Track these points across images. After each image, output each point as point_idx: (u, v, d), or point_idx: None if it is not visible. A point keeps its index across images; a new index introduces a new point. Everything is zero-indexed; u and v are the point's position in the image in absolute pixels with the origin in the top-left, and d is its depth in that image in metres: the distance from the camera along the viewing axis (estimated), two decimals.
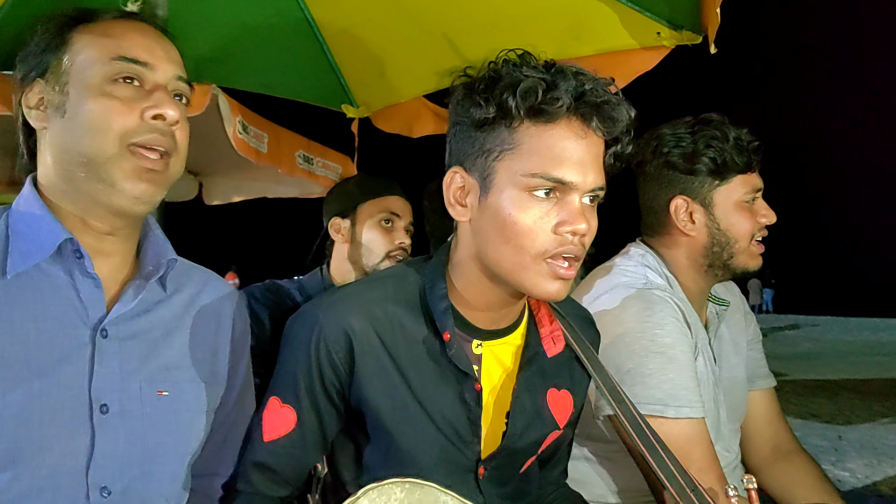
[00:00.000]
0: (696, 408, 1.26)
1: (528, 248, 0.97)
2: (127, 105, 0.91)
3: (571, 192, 0.96)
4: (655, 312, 1.31)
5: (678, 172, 1.42)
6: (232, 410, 1.09)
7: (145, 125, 0.91)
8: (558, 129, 0.96)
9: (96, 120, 0.90)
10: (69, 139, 0.91)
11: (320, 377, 1.05)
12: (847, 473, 4.23)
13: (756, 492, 0.90)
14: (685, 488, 1.06)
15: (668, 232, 1.47)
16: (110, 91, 0.91)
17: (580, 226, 0.96)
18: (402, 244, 1.92)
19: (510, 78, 0.97)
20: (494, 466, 1.11)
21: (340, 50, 2.62)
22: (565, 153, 0.96)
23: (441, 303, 1.06)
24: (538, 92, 0.95)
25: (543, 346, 1.13)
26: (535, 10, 2.09)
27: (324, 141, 3.06)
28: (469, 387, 1.06)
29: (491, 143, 0.99)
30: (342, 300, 1.07)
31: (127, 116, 0.91)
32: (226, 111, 2.35)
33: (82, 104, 0.90)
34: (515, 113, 0.96)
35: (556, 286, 0.99)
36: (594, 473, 1.42)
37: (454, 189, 1.04)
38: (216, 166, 3.59)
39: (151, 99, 0.92)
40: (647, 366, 1.27)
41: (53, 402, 0.87)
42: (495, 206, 0.98)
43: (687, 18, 1.90)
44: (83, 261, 0.92)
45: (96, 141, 0.90)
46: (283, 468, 1.08)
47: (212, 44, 2.37)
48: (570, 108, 0.96)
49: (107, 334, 0.93)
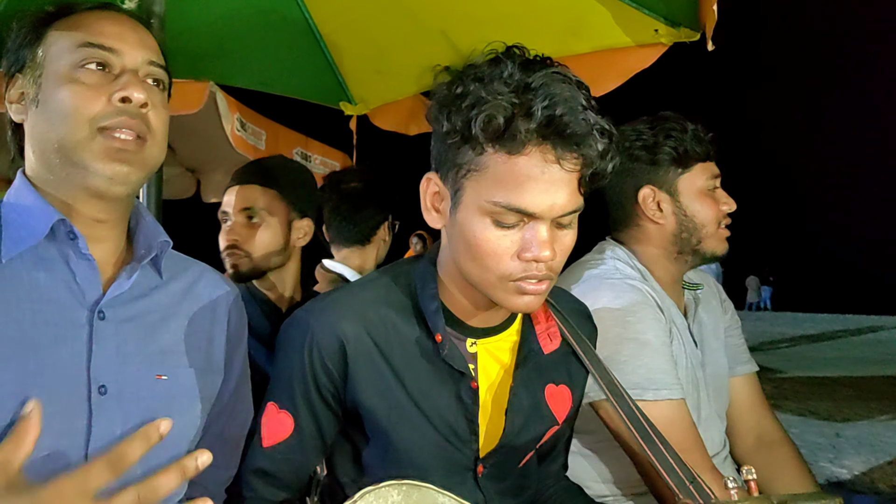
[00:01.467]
0: (674, 389, 1.28)
1: (492, 269, 0.96)
2: (94, 90, 0.92)
3: (537, 220, 0.93)
4: (625, 301, 1.34)
5: (642, 164, 1.46)
6: (229, 402, 1.09)
7: (113, 108, 0.92)
8: (523, 159, 0.91)
9: (65, 106, 0.91)
10: (43, 128, 0.93)
11: (315, 382, 1.05)
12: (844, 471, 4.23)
13: (755, 482, 0.91)
14: (684, 480, 1.06)
15: (636, 223, 1.50)
16: (78, 77, 0.92)
17: (543, 253, 0.93)
18: (225, 242, 1.71)
19: (474, 98, 0.91)
20: (493, 464, 1.11)
21: (338, 47, 2.62)
22: (529, 183, 0.91)
23: (432, 303, 1.05)
24: (500, 121, 0.89)
25: (539, 343, 1.13)
26: (533, 8, 2.09)
27: (322, 138, 3.06)
28: (465, 386, 1.06)
29: (460, 158, 0.95)
30: (333, 304, 1.06)
31: (94, 101, 0.91)
32: (223, 108, 2.35)
33: (52, 93, 0.92)
34: (478, 139, 0.92)
35: (526, 300, 0.98)
36: (587, 466, 1.43)
37: (430, 194, 1.02)
38: (214, 163, 3.59)
39: (118, 83, 0.93)
40: (622, 353, 1.29)
41: (50, 381, 0.87)
42: (462, 223, 0.97)
43: (684, 15, 1.90)
44: (77, 242, 0.92)
45: (66, 126, 0.91)
46: (283, 473, 1.09)
47: (209, 41, 2.37)
48: (538, 136, 0.90)
49: (104, 316, 0.93)
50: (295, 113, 2.99)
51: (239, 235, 1.71)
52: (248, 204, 1.71)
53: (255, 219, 1.72)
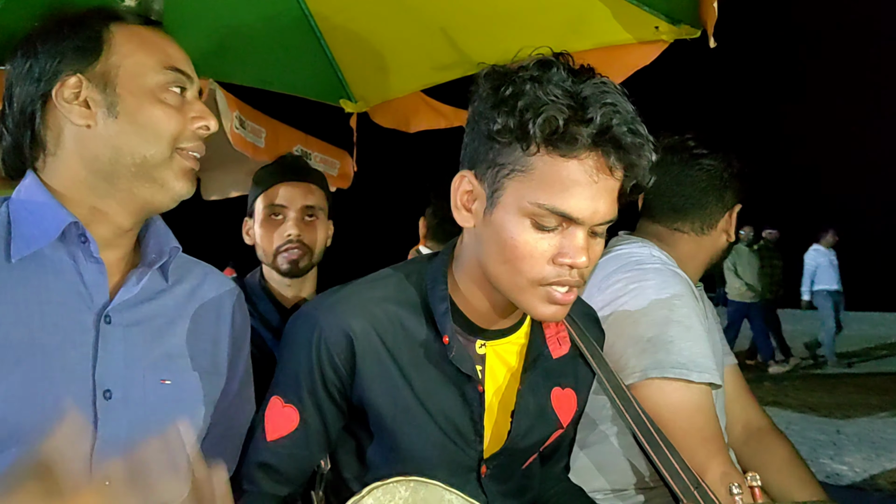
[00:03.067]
0: (715, 375, 1.29)
1: (525, 272, 0.95)
2: (179, 112, 0.98)
3: (577, 226, 0.94)
4: (673, 286, 1.37)
5: (742, 185, 1.57)
6: (232, 403, 1.09)
7: (191, 132, 0.99)
8: (574, 163, 0.92)
9: (155, 125, 0.96)
10: (125, 140, 0.95)
11: (322, 378, 1.04)
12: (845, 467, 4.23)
13: (760, 489, 0.91)
14: (689, 486, 1.06)
15: (707, 231, 1.56)
16: (165, 98, 0.97)
17: (580, 259, 0.93)
18: (290, 236, 1.71)
19: (531, 98, 0.91)
20: (496, 465, 1.11)
21: (338, 45, 2.61)
22: (577, 188, 0.92)
23: (441, 304, 1.05)
24: (559, 123, 0.90)
25: (549, 348, 1.12)
26: (534, 5, 2.09)
27: (322, 136, 3.05)
28: (471, 388, 1.06)
29: (504, 158, 0.95)
30: (342, 300, 1.06)
31: (180, 123, 0.98)
32: (223, 106, 2.34)
33: (140, 108, 0.96)
34: (532, 139, 0.92)
35: (553, 310, 0.98)
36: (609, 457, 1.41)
37: (462, 192, 1.02)
38: (214, 161, 3.57)
39: (195, 110, 1.01)
40: (669, 333, 1.30)
41: (56, 384, 0.87)
42: (499, 223, 0.96)
43: (685, 12, 1.89)
44: (88, 245, 0.93)
45: (154, 144, 0.96)
46: (286, 467, 1.09)
47: (209, 38, 2.37)
48: (592, 143, 0.91)
49: (110, 320, 0.93)
50: (295, 110, 2.98)
51: (302, 231, 1.73)
52: (311, 202, 1.76)
53: (313, 216, 1.76)
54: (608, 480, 1.41)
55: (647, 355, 1.28)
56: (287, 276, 1.74)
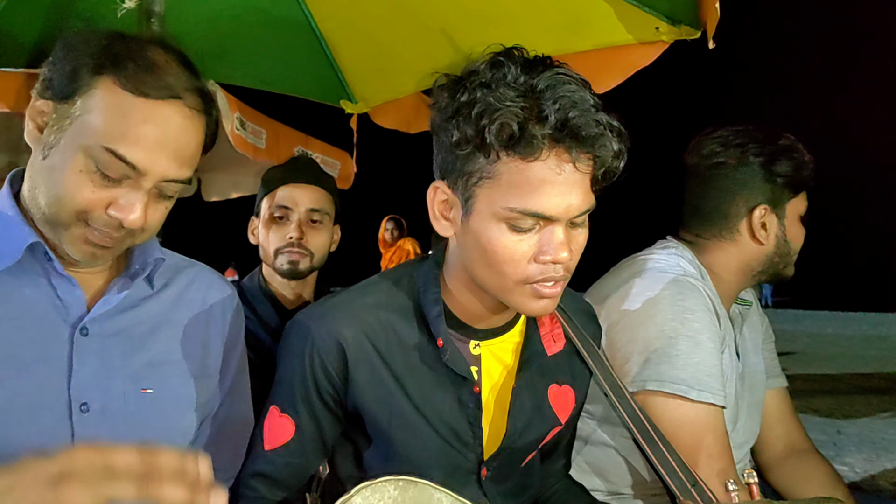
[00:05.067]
0: (717, 395, 1.27)
1: (509, 275, 0.95)
2: (97, 193, 0.87)
3: (553, 223, 0.93)
4: (688, 298, 1.33)
5: (758, 180, 1.43)
6: (224, 403, 1.09)
7: (100, 217, 0.88)
8: (537, 164, 0.90)
9: (63, 190, 0.87)
10: (38, 182, 0.90)
11: (315, 387, 1.05)
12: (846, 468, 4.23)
13: (757, 486, 0.90)
14: (686, 484, 1.05)
15: (731, 237, 1.47)
16: (88, 171, 0.86)
17: (562, 255, 0.93)
18: (291, 238, 1.70)
19: (484, 105, 0.90)
20: (496, 466, 1.10)
21: (339, 46, 2.62)
22: (545, 187, 0.90)
23: (434, 307, 1.05)
24: (514, 129, 0.88)
25: (543, 345, 1.12)
26: (534, 5, 2.09)
27: (322, 137, 3.06)
28: (467, 390, 1.06)
29: (470, 167, 0.94)
30: (333, 309, 1.06)
31: (91, 201, 0.87)
32: (223, 107, 2.34)
33: (60, 167, 0.87)
34: (491, 147, 0.90)
35: (542, 304, 0.98)
36: (610, 460, 1.41)
37: (438, 203, 1.01)
38: (214, 162, 3.58)
39: (123, 198, 0.88)
40: (676, 346, 1.28)
41: (31, 400, 0.86)
42: (476, 230, 0.96)
43: (685, 13, 1.90)
44: (53, 263, 0.91)
45: (55, 205, 0.88)
46: (283, 476, 1.09)
47: (209, 40, 2.37)
48: (553, 140, 0.89)
49: (87, 332, 0.92)
50: (295, 111, 2.98)
51: (305, 233, 1.72)
52: (317, 205, 1.74)
53: (318, 220, 1.75)
54: (605, 482, 1.41)
55: (649, 366, 1.26)
56: (286, 277, 1.74)
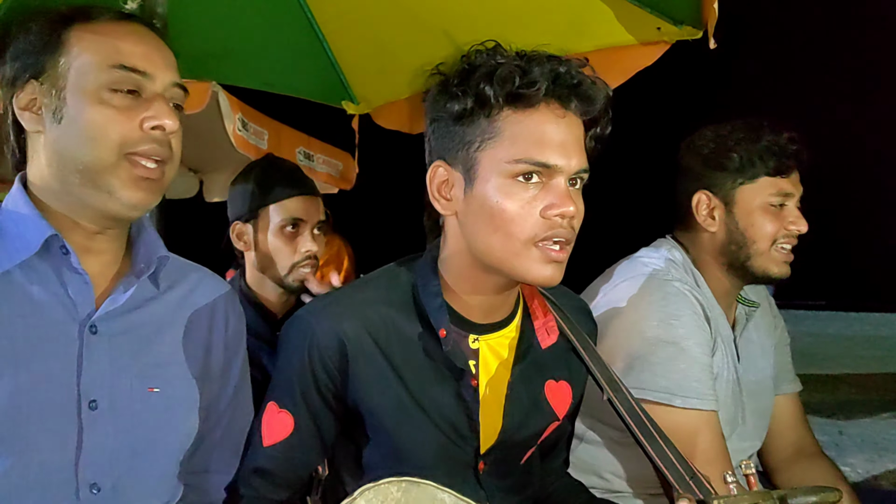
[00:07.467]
0: (706, 400, 1.26)
1: (517, 234, 0.98)
2: (126, 114, 0.90)
3: (556, 174, 0.97)
4: (672, 303, 1.32)
5: (705, 167, 1.43)
6: (227, 408, 1.09)
7: (144, 135, 0.91)
8: (538, 114, 0.97)
9: (95, 129, 0.89)
10: (66, 145, 0.90)
11: (315, 382, 1.05)
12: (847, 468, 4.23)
13: (754, 476, 0.91)
14: (684, 476, 1.05)
15: (690, 226, 1.48)
16: (108, 99, 0.90)
17: (568, 208, 0.96)
18: (308, 252, 1.70)
19: (486, 67, 0.98)
20: (494, 461, 1.11)
21: (341, 46, 2.62)
22: (546, 136, 0.97)
23: (435, 300, 1.06)
24: (515, 78, 0.96)
25: (537, 338, 1.13)
26: (536, 6, 2.09)
27: (324, 138, 3.06)
28: (466, 383, 1.07)
29: (471, 134, 0.99)
30: (334, 304, 1.08)
31: (126, 126, 0.90)
32: (226, 108, 2.35)
33: (81, 112, 0.89)
34: (494, 101, 0.97)
35: (549, 270, 0.99)
36: (604, 459, 1.42)
37: (438, 183, 1.04)
38: (216, 163, 3.59)
39: (151, 109, 0.92)
40: (658, 354, 1.28)
41: (41, 396, 0.87)
42: (481, 196, 0.99)
43: (687, 13, 1.90)
44: (69, 257, 0.92)
45: (94, 150, 0.89)
46: (282, 472, 1.09)
47: (212, 41, 2.37)
48: (548, 91, 0.96)
49: (96, 330, 0.93)
50: (297, 112, 2.99)
51: (320, 246, 1.75)
52: (322, 217, 1.77)
53: (320, 230, 1.77)
54: (601, 480, 1.41)
55: (632, 374, 1.26)
56: (292, 292, 1.73)
